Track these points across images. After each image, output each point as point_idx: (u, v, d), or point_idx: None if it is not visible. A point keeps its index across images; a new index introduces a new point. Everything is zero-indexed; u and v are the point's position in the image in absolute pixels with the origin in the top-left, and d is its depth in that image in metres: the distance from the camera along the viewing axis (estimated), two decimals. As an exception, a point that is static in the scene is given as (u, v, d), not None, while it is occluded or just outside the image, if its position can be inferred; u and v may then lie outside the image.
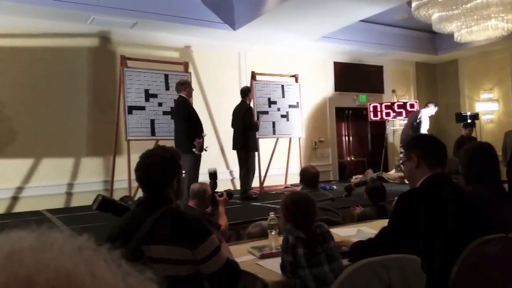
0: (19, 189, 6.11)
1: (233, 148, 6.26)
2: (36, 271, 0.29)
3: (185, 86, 5.47)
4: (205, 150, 5.29)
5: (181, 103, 5.31)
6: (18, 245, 0.31)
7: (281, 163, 7.57)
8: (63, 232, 0.34)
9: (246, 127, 6.03)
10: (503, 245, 1.83)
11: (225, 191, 3.46)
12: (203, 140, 5.24)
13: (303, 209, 2.06)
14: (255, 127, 6.19)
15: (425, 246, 1.73)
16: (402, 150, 5.36)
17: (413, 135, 2.30)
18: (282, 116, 7.35)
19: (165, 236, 1.68)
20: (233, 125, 6.26)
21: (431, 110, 7.73)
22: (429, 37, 9.64)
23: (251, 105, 6.49)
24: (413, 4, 6.70)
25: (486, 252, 1.77)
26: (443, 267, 1.69)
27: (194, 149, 5.10)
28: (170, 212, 1.76)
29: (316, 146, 8.88)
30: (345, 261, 2.05)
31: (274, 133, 7.20)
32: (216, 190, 3.49)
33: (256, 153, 6.40)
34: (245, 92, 6.27)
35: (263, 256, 2.35)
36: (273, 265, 2.15)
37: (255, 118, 6.40)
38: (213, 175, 3.64)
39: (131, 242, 1.65)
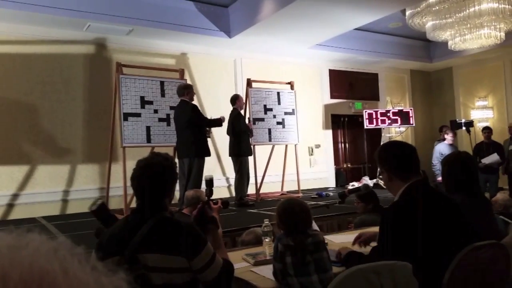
0: (14, 196, 6.08)
1: (229, 155, 6.32)
2: (10, 267, 0.30)
3: (187, 90, 5.52)
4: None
5: (192, 109, 5.37)
6: None
7: (277, 170, 7.57)
8: (40, 234, 0.36)
9: (235, 132, 6.16)
10: (495, 251, 1.85)
11: (220, 199, 3.45)
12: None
13: (295, 216, 2.04)
14: (245, 131, 6.26)
15: (415, 253, 1.74)
16: None
17: (380, 147, 2.24)
18: (278, 123, 7.37)
19: (161, 245, 1.68)
20: (227, 132, 6.32)
21: (448, 138, 7.46)
22: (424, 45, 9.72)
23: (246, 111, 6.56)
24: (407, 13, 6.78)
25: (478, 258, 1.78)
26: (435, 273, 1.70)
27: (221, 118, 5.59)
28: (165, 221, 1.75)
29: (312, 153, 8.90)
30: (337, 269, 2.05)
31: (270, 140, 7.21)
32: (211, 198, 3.48)
33: (251, 158, 6.44)
34: (233, 100, 6.39)
35: (257, 263, 2.35)
36: (267, 272, 2.15)
37: (247, 123, 6.47)
38: (209, 182, 3.63)
39: (126, 250, 1.65)
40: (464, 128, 8.39)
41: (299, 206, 2.10)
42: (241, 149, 6.19)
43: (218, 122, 5.57)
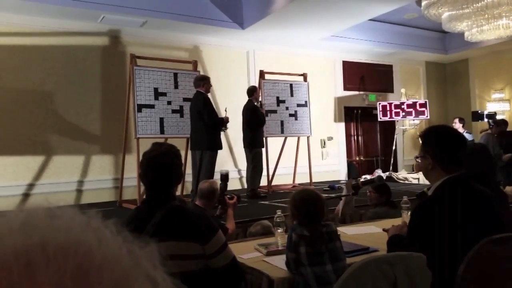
0: (30, 186, 6.19)
1: (244, 146, 6.40)
2: (49, 235, 0.32)
3: (204, 82, 5.51)
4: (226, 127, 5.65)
5: (203, 99, 5.36)
6: (33, 213, 0.34)
7: (289, 162, 7.56)
8: (72, 207, 0.37)
9: (252, 125, 6.16)
10: (511, 244, 1.82)
11: (235, 194, 3.44)
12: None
13: (310, 207, 2.04)
14: (260, 123, 6.26)
15: (432, 245, 1.72)
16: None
17: (430, 128, 2.08)
18: (291, 115, 7.35)
19: (174, 232, 1.70)
20: (243, 124, 6.37)
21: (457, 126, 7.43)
22: (439, 36, 9.56)
23: (261, 102, 6.57)
24: (423, 3, 6.65)
25: (494, 251, 1.76)
26: (450, 265, 1.68)
27: (223, 128, 5.52)
28: (176, 209, 1.78)
29: (325, 146, 8.86)
30: (350, 260, 2.05)
31: (282, 132, 7.20)
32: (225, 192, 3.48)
33: (264, 150, 6.44)
34: (251, 92, 6.35)
35: (269, 253, 2.37)
36: (279, 262, 2.16)
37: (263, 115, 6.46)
38: (225, 177, 3.62)
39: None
40: (486, 119, 8.27)
41: (315, 196, 2.11)
42: (256, 141, 6.21)
43: (221, 122, 5.52)
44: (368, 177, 7.32)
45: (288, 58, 8.30)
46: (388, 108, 8.78)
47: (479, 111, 8.79)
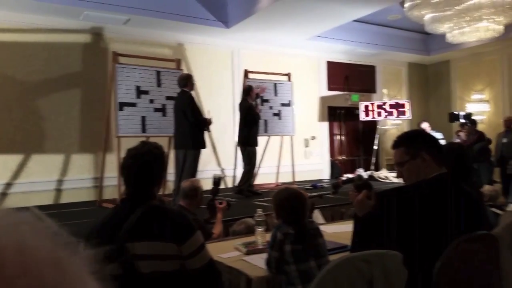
0: (8, 185, 6.06)
1: (238, 145, 6.50)
2: None
3: (188, 81, 5.47)
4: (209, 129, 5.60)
5: (188, 98, 5.32)
6: None
7: (272, 161, 7.58)
8: (8, 208, 0.35)
9: (249, 124, 6.22)
10: (486, 242, 1.85)
11: (226, 201, 3.42)
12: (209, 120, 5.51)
13: (295, 205, 2.06)
14: (255, 122, 6.33)
15: (408, 242, 1.73)
16: None
17: (408, 132, 2.07)
18: (275, 114, 7.36)
19: (151, 232, 1.67)
20: (240, 123, 6.45)
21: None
22: (422, 38, 9.69)
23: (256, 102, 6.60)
24: (406, 5, 6.74)
25: (470, 249, 1.78)
26: (426, 263, 1.69)
27: (206, 129, 5.46)
28: (154, 209, 1.75)
29: (308, 145, 8.90)
30: (332, 257, 2.06)
31: (266, 131, 7.20)
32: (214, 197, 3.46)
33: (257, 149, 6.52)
34: (247, 91, 6.38)
35: (249, 252, 2.36)
36: (259, 261, 2.15)
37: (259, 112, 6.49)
38: (217, 182, 3.60)
39: (115, 239, 1.64)
40: (462, 120, 8.41)
41: (298, 194, 2.12)
42: (250, 140, 6.25)
43: (204, 123, 5.45)
44: (350, 176, 7.37)
45: (273, 57, 8.31)
46: (370, 108, 8.86)
47: (455, 112, 8.95)
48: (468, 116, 8.61)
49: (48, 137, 6.36)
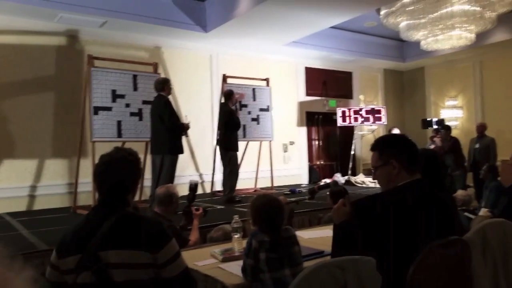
0: (-22, 191, 5.86)
1: (219, 148, 6.43)
2: None
3: (165, 85, 5.40)
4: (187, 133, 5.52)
5: (164, 103, 5.26)
6: None
7: (251, 166, 7.57)
8: None
9: (228, 127, 6.18)
10: (459, 247, 1.88)
11: (202, 208, 3.39)
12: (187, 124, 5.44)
13: (272, 213, 2.04)
14: (236, 126, 6.31)
15: (381, 247, 1.75)
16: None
17: (388, 135, 2.11)
18: (253, 119, 7.36)
19: (123, 240, 1.64)
20: (219, 127, 6.45)
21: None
22: (397, 45, 9.88)
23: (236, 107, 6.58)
24: (382, 12, 6.86)
25: (443, 254, 1.81)
26: (399, 268, 1.71)
27: (183, 134, 5.37)
28: (128, 216, 1.71)
29: (287, 150, 8.93)
30: (304, 264, 2.05)
31: (244, 136, 7.19)
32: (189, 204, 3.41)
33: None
34: (228, 95, 6.37)
35: (225, 260, 2.34)
36: (235, 268, 2.13)
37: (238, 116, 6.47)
38: (194, 187, 3.55)
39: (87, 248, 1.60)
40: (435, 126, 8.59)
41: (276, 202, 2.11)
42: (231, 144, 6.21)
43: (181, 127, 5.39)
44: (328, 180, 7.43)
45: (251, 62, 8.32)
46: (347, 114, 8.98)
47: (427, 119, 9.16)
48: (440, 122, 8.80)
49: (21, 142, 6.19)
